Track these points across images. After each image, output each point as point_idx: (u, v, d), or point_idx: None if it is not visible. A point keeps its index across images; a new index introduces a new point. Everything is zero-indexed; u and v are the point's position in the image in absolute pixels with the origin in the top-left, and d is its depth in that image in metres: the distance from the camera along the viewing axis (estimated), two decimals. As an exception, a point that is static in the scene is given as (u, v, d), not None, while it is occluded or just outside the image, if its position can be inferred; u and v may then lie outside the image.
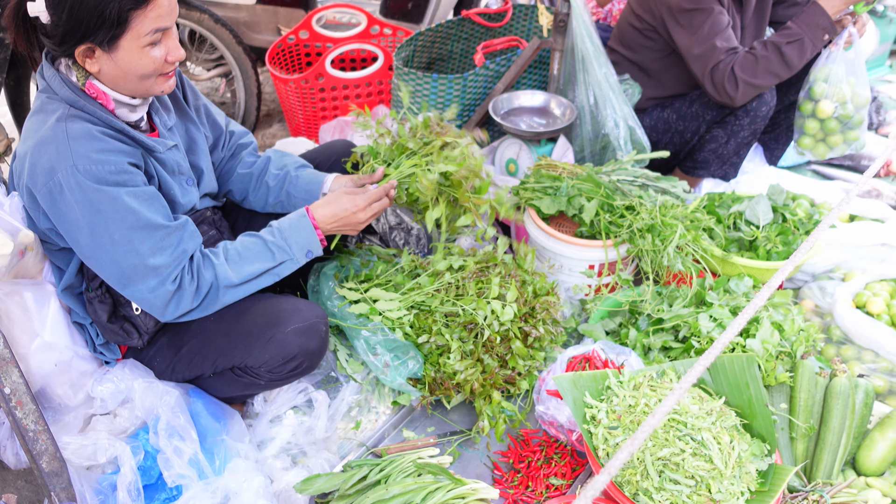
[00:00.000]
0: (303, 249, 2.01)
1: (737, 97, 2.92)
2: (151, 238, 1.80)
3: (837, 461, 2.10)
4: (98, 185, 1.73)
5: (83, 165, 1.71)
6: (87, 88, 1.80)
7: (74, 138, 1.73)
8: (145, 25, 1.71)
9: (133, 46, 1.73)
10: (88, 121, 1.78)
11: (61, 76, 1.79)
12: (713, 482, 1.76)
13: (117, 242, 1.77)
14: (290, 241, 2.00)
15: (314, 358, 2.05)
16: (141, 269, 1.81)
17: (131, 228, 1.78)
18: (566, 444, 2.23)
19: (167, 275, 1.83)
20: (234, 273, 1.92)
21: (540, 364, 2.41)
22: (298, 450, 2.16)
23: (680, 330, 2.39)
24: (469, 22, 3.61)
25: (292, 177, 2.29)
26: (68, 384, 2.02)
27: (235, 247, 1.96)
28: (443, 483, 1.96)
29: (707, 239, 2.64)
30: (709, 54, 2.90)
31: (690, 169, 3.31)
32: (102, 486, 1.94)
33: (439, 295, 2.34)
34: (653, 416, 0.92)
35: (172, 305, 1.87)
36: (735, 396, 1.99)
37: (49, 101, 1.79)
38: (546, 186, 2.73)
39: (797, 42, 2.87)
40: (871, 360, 2.41)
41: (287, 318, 1.97)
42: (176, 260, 1.84)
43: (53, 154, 1.72)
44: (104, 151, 1.75)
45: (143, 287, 1.82)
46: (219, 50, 3.76)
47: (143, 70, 1.77)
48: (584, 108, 3.05)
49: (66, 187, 1.72)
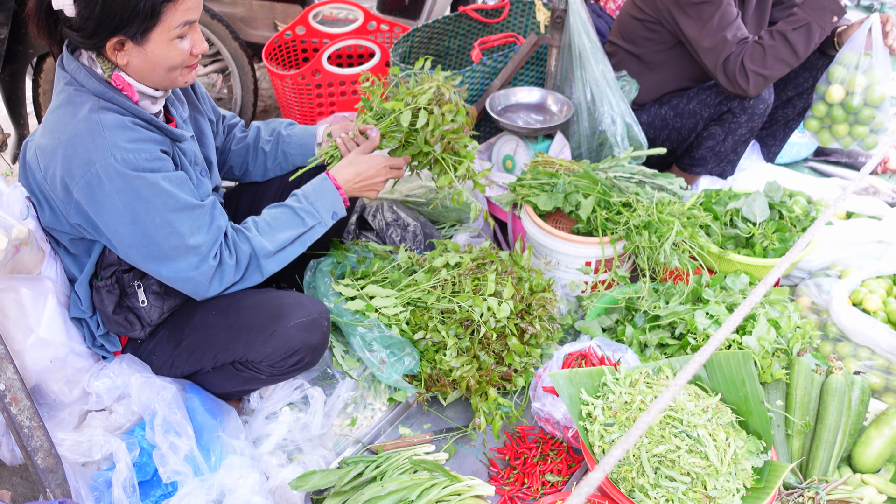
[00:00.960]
0: (329, 211, 2.08)
1: (749, 89, 2.92)
2: (189, 218, 1.85)
3: (833, 458, 2.10)
4: (136, 173, 1.76)
5: (120, 154, 1.74)
6: (114, 80, 1.82)
7: (109, 129, 1.76)
8: (176, 18, 1.75)
9: (163, 39, 1.76)
10: (119, 112, 1.80)
11: (86, 69, 1.80)
12: (709, 479, 1.76)
13: (159, 226, 1.81)
14: (316, 206, 2.06)
15: (316, 353, 2.05)
16: (183, 250, 1.85)
17: (171, 210, 1.82)
18: (562, 441, 2.23)
19: (207, 251, 1.88)
20: (269, 242, 1.98)
21: (536, 361, 2.41)
22: (294, 446, 2.15)
23: (676, 327, 2.39)
24: (466, 18, 3.60)
25: (284, 136, 2.37)
26: (63, 380, 2.02)
27: (264, 218, 2.02)
28: (438, 480, 1.96)
29: (704, 236, 2.64)
30: (720, 47, 2.89)
31: (688, 166, 3.31)
32: (98, 482, 1.93)
33: (436, 292, 2.34)
34: (648, 412, 0.91)
35: (216, 281, 1.92)
36: (731, 393, 2.00)
37: (77, 94, 1.80)
38: (543, 183, 2.72)
39: (803, 27, 2.84)
40: (868, 357, 2.41)
41: (290, 313, 1.98)
42: (213, 236, 1.89)
43: (90, 145, 1.74)
44: (138, 140, 1.79)
45: (185, 265, 1.87)
46: (215, 45, 3.74)
47: (172, 62, 1.81)
48: (581, 105, 3.04)
49: (104, 177, 1.74)
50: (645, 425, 0.89)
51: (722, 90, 3.02)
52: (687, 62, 3.12)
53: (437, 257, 2.47)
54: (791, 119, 3.46)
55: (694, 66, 3.11)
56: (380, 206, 2.81)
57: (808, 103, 3.36)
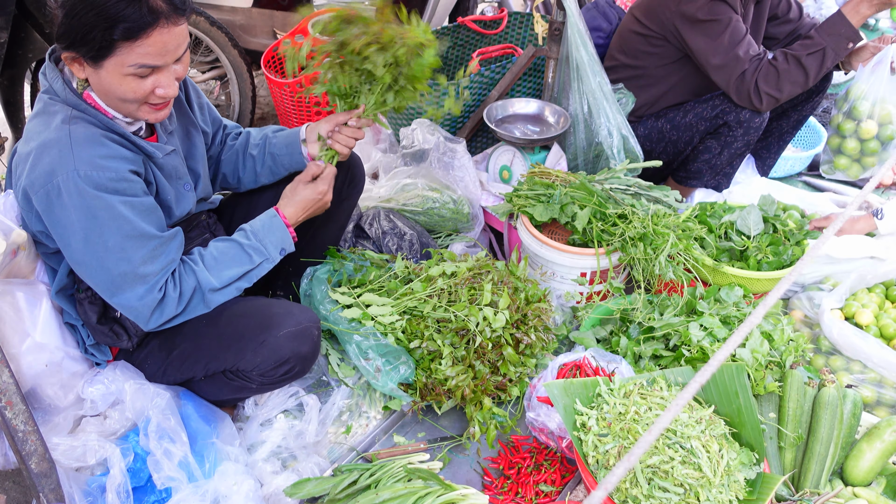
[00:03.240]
0: (277, 248, 2.05)
1: (762, 108, 2.95)
2: (144, 247, 1.81)
3: (825, 471, 2.11)
4: (97, 192, 1.72)
5: (84, 170, 1.71)
6: (85, 97, 1.79)
7: (78, 142, 1.72)
8: (130, 58, 1.68)
9: (115, 72, 1.71)
10: (92, 123, 1.77)
11: (64, 78, 1.79)
12: (702, 490, 1.77)
13: (110, 249, 1.77)
14: (264, 242, 2.03)
15: (306, 362, 2.05)
16: (131, 277, 1.81)
17: (126, 237, 1.78)
18: (556, 451, 2.24)
19: (154, 283, 1.85)
20: (215, 278, 1.95)
21: (531, 371, 2.42)
22: (289, 454, 2.15)
23: (671, 338, 2.40)
24: (464, 29, 3.63)
25: (271, 139, 2.34)
26: (59, 385, 2.02)
27: (211, 252, 1.98)
28: (433, 488, 1.96)
29: (698, 248, 2.65)
30: (732, 64, 2.90)
31: (683, 179, 3.33)
32: (91, 487, 1.93)
33: (432, 301, 2.35)
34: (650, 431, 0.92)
35: (157, 313, 1.88)
36: (724, 405, 2.01)
37: (51, 103, 1.79)
38: (539, 194, 2.74)
39: (818, 52, 2.86)
40: (860, 370, 2.43)
41: (280, 322, 1.97)
42: (164, 269, 1.86)
43: (55, 157, 1.71)
44: (106, 157, 1.74)
45: (131, 295, 1.83)
46: (214, 53, 3.75)
47: (123, 95, 1.75)
48: (577, 117, 3.06)
49: (64, 191, 1.71)
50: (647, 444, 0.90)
51: (719, 103, 3.04)
52: (688, 76, 3.14)
53: (433, 266, 2.48)
54: (786, 132, 3.48)
55: (694, 79, 3.13)
56: (377, 215, 2.82)
57: (803, 115, 3.39)
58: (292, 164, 2.32)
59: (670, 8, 2.99)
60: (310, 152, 2.28)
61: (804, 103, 3.34)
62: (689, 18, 2.94)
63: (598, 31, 3.49)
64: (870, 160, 3.10)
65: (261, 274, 2.04)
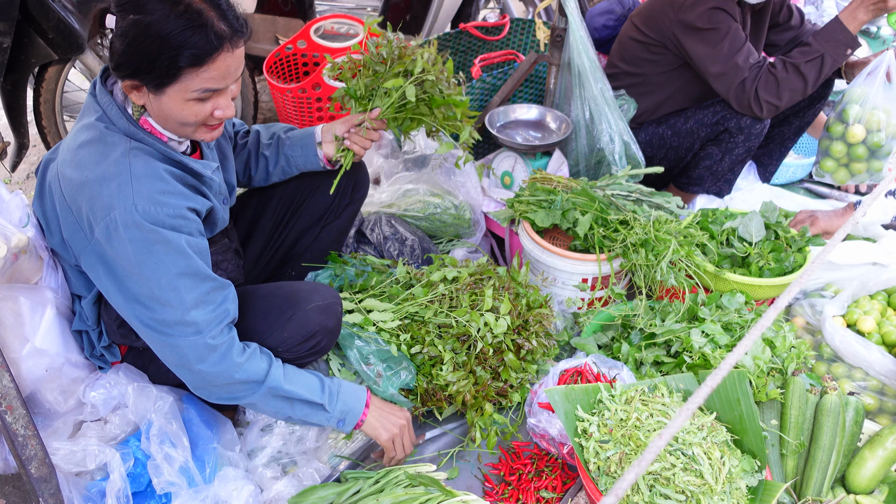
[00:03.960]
0: (342, 414, 1.98)
1: (762, 115, 2.96)
2: (198, 288, 1.75)
3: (827, 478, 2.10)
4: (154, 226, 1.69)
5: (142, 205, 1.68)
6: (142, 123, 1.79)
7: (137, 178, 1.70)
8: (195, 83, 1.69)
9: (178, 97, 1.71)
10: (150, 154, 1.76)
11: (118, 106, 1.77)
12: (703, 497, 1.76)
13: (164, 287, 1.72)
14: (340, 397, 1.98)
15: (332, 336, 2.05)
16: (181, 323, 1.74)
17: (180, 274, 1.73)
18: (557, 458, 2.23)
19: (206, 330, 1.76)
20: (286, 383, 1.88)
21: (532, 377, 2.42)
22: (289, 459, 2.15)
23: (672, 345, 2.40)
24: (466, 35, 3.63)
25: (284, 140, 2.33)
26: (59, 390, 2.01)
27: (292, 367, 1.93)
28: (433, 494, 1.95)
29: (700, 255, 2.65)
30: (732, 72, 2.91)
31: (685, 185, 3.33)
32: (91, 492, 1.92)
33: (433, 306, 2.35)
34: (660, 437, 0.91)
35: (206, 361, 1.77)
36: (726, 412, 2.00)
37: (109, 133, 1.75)
38: (541, 200, 2.74)
39: (816, 60, 2.86)
40: (862, 377, 2.42)
41: (307, 297, 1.99)
42: (217, 318, 1.78)
43: (115, 191, 1.68)
44: (165, 193, 1.73)
45: (178, 334, 1.75)
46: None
47: (184, 119, 1.75)
48: (579, 123, 3.06)
49: (121, 224, 1.68)
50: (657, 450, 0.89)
51: (720, 109, 3.04)
52: (687, 83, 3.14)
53: (434, 272, 2.48)
54: (787, 138, 3.48)
55: (695, 86, 3.14)
56: (378, 220, 2.82)
57: (805, 122, 3.39)
58: (307, 165, 2.33)
59: (669, 16, 3.00)
60: (325, 153, 2.29)
61: (806, 110, 3.34)
62: (688, 27, 2.94)
63: (609, 13, 3.49)
64: (857, 166, 3.10)
65: (311, 419, 1.95)
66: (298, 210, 2.45)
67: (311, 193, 2.43)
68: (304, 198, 2.44)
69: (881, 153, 3.04)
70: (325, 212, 2.46)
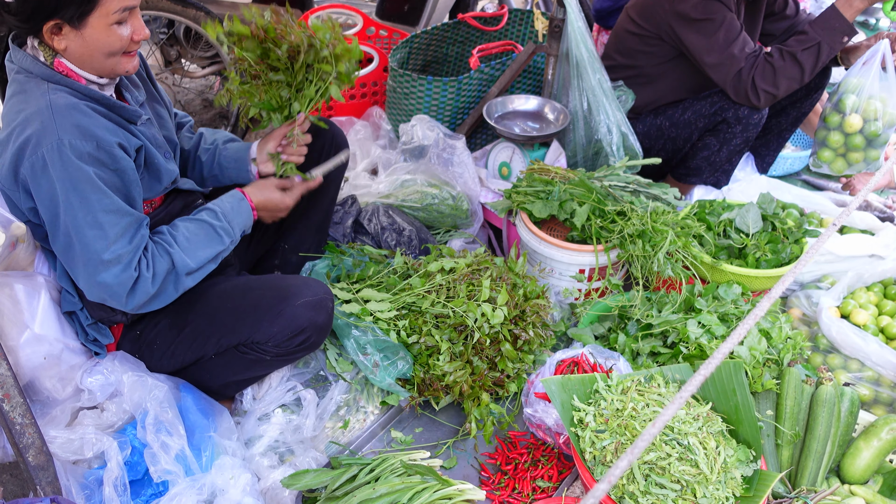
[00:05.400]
0: (241, 229, 2.08)
1: (760, 105, 2.96)
2: (119, 223, 1.80)
3: (822, 468, 2.11)
4: (80, 163, 1.72)
5: (68, 139, 1.71)
6: (56, 66, 1.80)
7: (59, 111, 1.73)
8: (114, 4, 1.73)
9: (101, 24, 1.75)
10: (70, 94, 1.78)
11: (31, 57, 1.79)
12: (699, 487, 1.77)
13: (90, 224, 1.76)
14: (233, 224, 2.05)
15: (321, 333, 2.05)
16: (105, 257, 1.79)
17: (105, 211, 1.77)
18: (553, 447, 2.24)
19: (128, 261, 1.82)
20: (191, 259, 1.94)
21: (529, 367, 2.42)
22: (286, 448, 2.16)
23: (668, 335, 2.40)
24: (465, 25, 3.62)
25: (221, 149, 2.33)
26: (57, 377, 2.02)
27: (182, 233, 1.96)
28: (430, 483, 1.96)
29: (697, 246, 2.66)
30: (728, 62, 2.90)
31: (682, 176, 3.33)
32: (88, 480, 1.93)
33: (430, 296, 2.35)
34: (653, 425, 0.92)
35: (131, 295, 1.84)
36: (722, 402, 2.01)
37: (27, 80, 1.79)
38: (538, 190, 2.74)
39: (813, 47, 2.86)
40: (857, 369, 2.43)
41: (297, 293, 1.99)
42: (136, 247, 1.83)
43: (38, 128, 1.72)
44: (91, 126, 1.75)
45: (107, 275, 1.80)
46: (214, 48, 3.75)
47: (110, 47, 1.79)
48: (577, 114, 3.06)
49: (49, 162, 1.71)
50: (650, 437, 0.90)
51: (718, 100, 3.04)
52: (684, 74, 3.14)
53: (431, 262, 2.48)
54: (785, 129, 3.48)
55: (691, 77, 3.13)
56: (375, 211, 2.82)
57: (802, 112, 3.38)
58: (238, 179, 2.33)
59: (664, 7, 2.99)
60: (259, 170, 2.29)
61: (803, 100, 3.34)
62: (683, 17, 2.94)
63: None
64: (854, 156, 3.10)
65: (226, 255, 2.05)
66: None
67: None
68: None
69: (878, 142, 3.04)
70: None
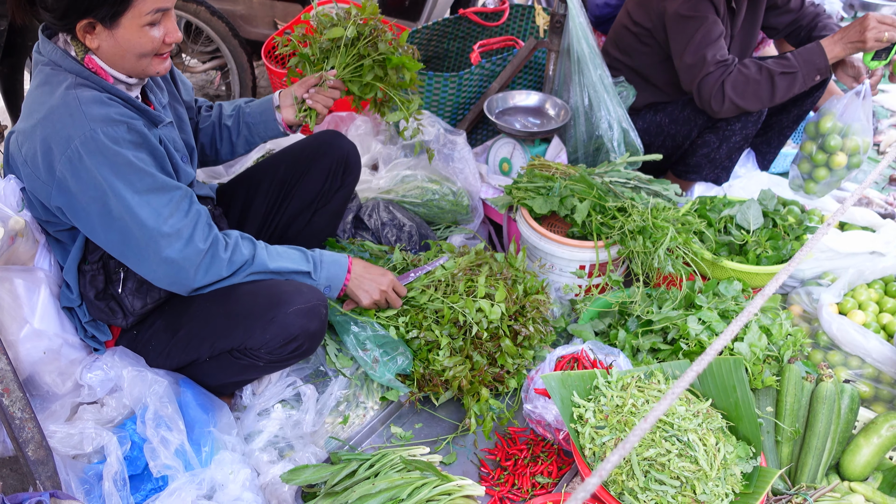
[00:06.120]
0: (327, 280, 2.11)
1: (720, 112, 2.94)
2: (170, 198, 1.83)
3: (822, 465, 2.11)
4: (117, 147, 1.75)
5: (100, 128, 1.73)
6: (87, 63, 1.81)
7: (86, 103, 1.74)
8: (147, 4, 1.74)
9: (133, 25, 1.75)
10: (96, 89, 1.79)
11: (62, 51, 1.79)
12: (698, 483, 1.77)
13: (139, 205, 1.79)
14: (324, 265, 2.10)
15: (314, 340, 2.05)
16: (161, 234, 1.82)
17: (152, 189, 1.80)
18: (553, 443, 2.24)
19: (189, 235, 1.85)
20: (271, 261, 2.01)
21: (529, 363, 2.42)
22: (286, 443, 2.15)
23: (669, 332, 2.40)
24: (466, 20, 3.62)
25: (244, 108, 2.36)
26: (56, 372, 2.01)
27: (275, 247, 2.05)
28: (429, 479, 1.96)
29: (698, 242, 2.65)
30: (699, 65, 2.89)
31: (683, 172, 3.33)
32: (88, 475, 1.93)
33: (429, 292, 2.35)
34: (645, 419, 0.92)
35: (202, 271, 1.89)
36: (722, 399, 2.01)
37: (54, 73, 1.80)
38: (539, 186, 2.73)
39: (791, 75, 2.86)
40: (858, 365, 2.43)
41: (289, 300, 1.97)
42: (193, 221, 1.87)
43: (68, 122, 1.73)
44: (117, 115, 1.77)
45: (170, 250, 1.83)
46: (214, 42, 3.75)
47: (142, 49, 1.79)
48: (578, 110, 3.06)
49: (85, 153, 1.73)
50: (641, 432, 0.90)
51: None
52: (676, 74, 3.13)
53: (431, 258, 2.47)
54: (786, 126, 3.47)
55: None
56: (376, 206, 2.82)
57: (804, 110, 3.37)
58: (267, 132, 2.35)
59: (656, 2, 3.00)
60: (284, 118, 2.30)
61: (805, 98, 3.33)
62: (671, 13, 2.94)
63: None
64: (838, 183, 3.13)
65: (299, 280, 2.07)
66: (289, 195, 2.44)
67: (302, 178, 2.43)
68: (295, 183, 2.43)
69: (858, 168, 3.05)
70: (316, 196, 2.45)
